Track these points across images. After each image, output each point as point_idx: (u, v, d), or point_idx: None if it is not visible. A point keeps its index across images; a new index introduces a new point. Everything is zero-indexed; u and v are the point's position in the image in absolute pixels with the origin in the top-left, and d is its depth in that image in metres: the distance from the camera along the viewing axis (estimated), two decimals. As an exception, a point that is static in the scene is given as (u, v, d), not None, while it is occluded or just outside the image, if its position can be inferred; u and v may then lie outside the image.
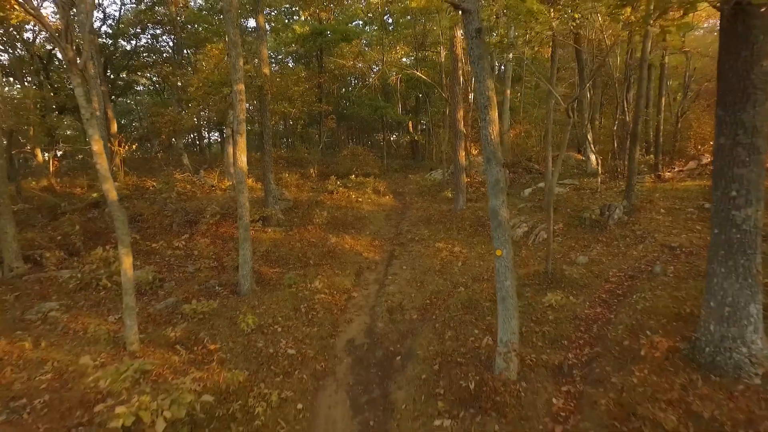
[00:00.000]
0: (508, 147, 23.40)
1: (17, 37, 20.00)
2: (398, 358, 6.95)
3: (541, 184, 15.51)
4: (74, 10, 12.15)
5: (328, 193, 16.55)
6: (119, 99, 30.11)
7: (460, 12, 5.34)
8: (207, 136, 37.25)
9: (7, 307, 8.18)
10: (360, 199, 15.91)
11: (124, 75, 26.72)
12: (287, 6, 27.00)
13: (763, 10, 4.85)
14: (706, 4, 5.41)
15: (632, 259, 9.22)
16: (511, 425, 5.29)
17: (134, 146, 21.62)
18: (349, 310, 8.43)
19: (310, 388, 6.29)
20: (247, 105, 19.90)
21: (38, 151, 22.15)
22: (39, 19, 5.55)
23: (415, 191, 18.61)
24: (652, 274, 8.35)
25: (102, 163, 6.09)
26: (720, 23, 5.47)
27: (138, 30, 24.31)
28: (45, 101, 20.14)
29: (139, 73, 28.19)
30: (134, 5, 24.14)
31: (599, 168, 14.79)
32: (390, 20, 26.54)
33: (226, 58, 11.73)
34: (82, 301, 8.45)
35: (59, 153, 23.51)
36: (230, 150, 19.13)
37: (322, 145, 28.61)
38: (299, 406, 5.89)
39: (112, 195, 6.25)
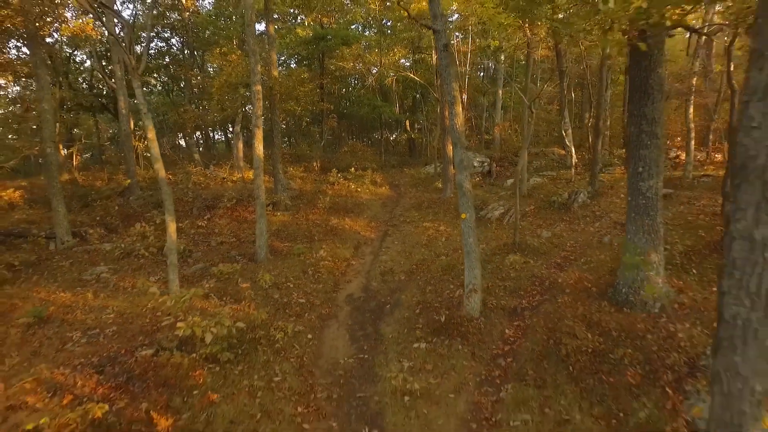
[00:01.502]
0: (498, 142, 25.12)
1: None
2: (388, 306, 8.63)
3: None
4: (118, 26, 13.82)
5: (330, 184, 18.22)
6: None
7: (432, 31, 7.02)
8: (212, 134, 38.98)
9: (65, 271, 9.87)
10: (359, 189, 17.58)
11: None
12: (291, 10, 28.67)
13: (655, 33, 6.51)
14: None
15: (588, 233, 10.90)
16: (472, 346, 6.96)
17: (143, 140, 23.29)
18: (349, 274, 10.12)
19: (318, 325, 7.98)
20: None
21: (60, 147, 23.87)
22: (116, 38, 7.21)
23: (409, 183, 20.27)
24: (601, 243, 10.03)
25: (154, 148, 7.77)
26: (629, 41, 7.14)
27: (152, 34, 26.01)
28: (65, 100, 21.83)
29: (152, 75, 29.93)
30: (147, 11, 25.83)
31: (572, 160, 16.43)
32: (389, 23, 28.18)
33: (243, 63, 13.39)
34: (126, 266, 10.14)
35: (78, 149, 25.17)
36: (240, 145, 20.86)
37: (324, 142, 30.28)
38: (309, 336, 7.57)
39: (162, 173, 7.92)
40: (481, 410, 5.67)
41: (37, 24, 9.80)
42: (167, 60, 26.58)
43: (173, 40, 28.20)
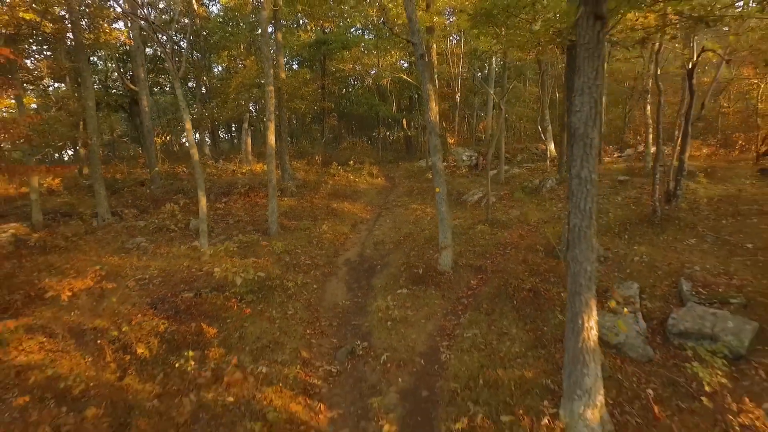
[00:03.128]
0: (487, 138, 26.97)
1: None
2: (378, 267, 10.53)
3: (505, 167, 19.06)
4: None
5: (331, 175, 20.12)
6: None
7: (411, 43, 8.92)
8: (218, 132, 40.91)
9: (109, 241, 11.78)
10: (357, 180, 19.48)
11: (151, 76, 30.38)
12: (295, 15, 30.57)
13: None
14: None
15: (551, 212, 12.80)
16: (442, 291, 8.86)
17: (168, 137, 25.26)
18: (347, 244, 12.03)
19: (321, 279, 9.89)
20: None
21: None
22: (164, 48, 9.10)
23: (403, 175, 22.13)
24: (558, 218, 11.93)
25: (190, 136, 9.68)
26: (567, 47, 9.03)
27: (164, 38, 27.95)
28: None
29: (162, 76, 31.84)
30: (157, 15, 27.75)
31: (548, 153, 18.32)
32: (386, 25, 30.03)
33: (255, 67, 15.32)
34: (160, 238, 12.05)
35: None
36: (248, 140, 22.78)
37: (325, 139, 32.17)
38: (314, 286, 9.49)
39: (196, 156, 9.84)
40: (444, 330, 7.57)
41: (86, 35, 11.70)
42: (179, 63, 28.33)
43: (183, 43, 30.14)
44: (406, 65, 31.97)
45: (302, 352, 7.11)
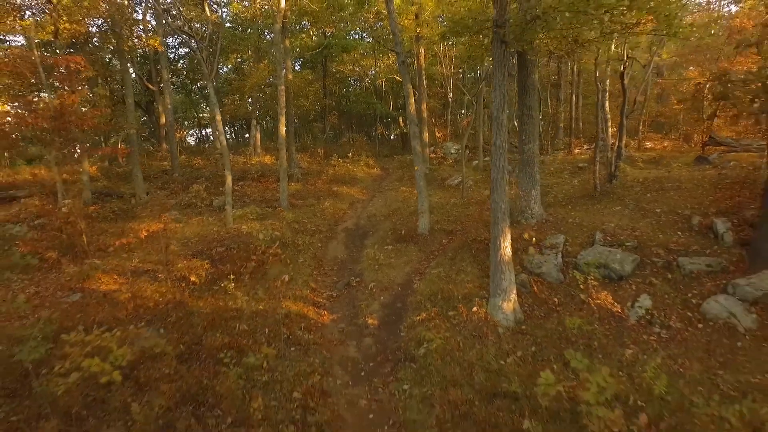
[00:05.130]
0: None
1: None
2: (370, 232, 12.95)
3: (485, 158, 21.50)
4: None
5: (331, 165, 22.53)
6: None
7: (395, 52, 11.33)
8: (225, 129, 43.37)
9: (148, 214, 14.20)
10: (355, 169, 21.91)
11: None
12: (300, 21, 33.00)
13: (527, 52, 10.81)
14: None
15: (515, 190, 15.19)
16: (419, 246, 11.27)
17: (185, 133, 27.69)
18: (345, 217, 14.47)
19: (324, 240, 12.32)
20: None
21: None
22: (200, 55, 11.51)
23: (397, 167, 24.54)
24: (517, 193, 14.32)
25: (219, 126, 12.08)
26: (518, 55, 11.43)
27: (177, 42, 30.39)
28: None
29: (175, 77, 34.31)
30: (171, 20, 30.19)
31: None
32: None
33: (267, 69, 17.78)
34: (190, 212, 14.49)
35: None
36: (257, 135, 25.22)
37: (326, 136, 34.62)
38: (319, 244, 11.92)
39: (224, 142, 12.24)
40: (418, 270, 10.00)
41: (129, 43, 14.13)
42: (191, 64, 30.78)
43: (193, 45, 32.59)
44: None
45: (310, 284, 9.56)
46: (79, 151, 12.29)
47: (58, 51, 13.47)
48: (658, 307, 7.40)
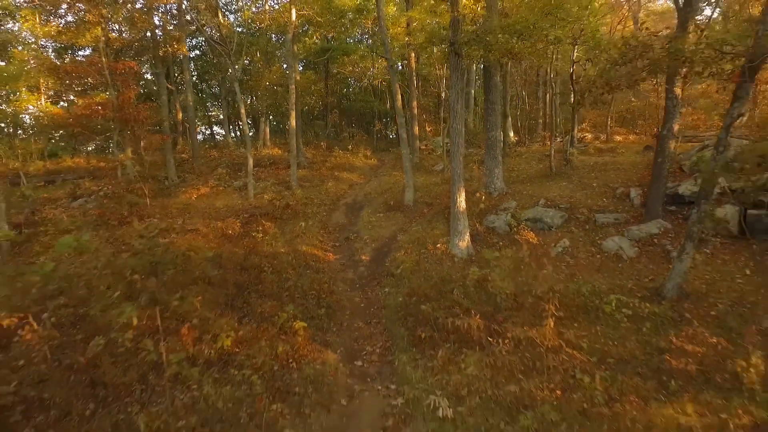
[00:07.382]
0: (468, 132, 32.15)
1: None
2: (366, 206, 15.78)
3: (471, 150, 24.32)
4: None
5: (333, 156, 25.38)
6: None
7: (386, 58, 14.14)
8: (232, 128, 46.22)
9: (182, 192, 17.02)
10: (354, 159, 24.73)
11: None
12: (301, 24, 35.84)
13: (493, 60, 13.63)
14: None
15: (490, 175, 18.00)
16: (405, 214, 14.09)
17: (196, 129, 30.49)
18: (345, 195, 17.31)
19: (328, 211, 15.16)
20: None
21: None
22: (230, 59, 14.29)
23: (393, 158, 27.36)
24: (492, 178, 17.13)
25: (243, 119, 14.87)
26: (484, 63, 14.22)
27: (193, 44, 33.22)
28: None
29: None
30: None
31: (505, 138, 23.52)
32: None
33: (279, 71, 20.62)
34: (216, 192, 17.32)
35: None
36: (266, 130, 28.05)
37: (328, 132, 37.47)
38: (324, 213, 14.77)
39: (246, 131, 15.04)
40: (402, 229, 12.82)
41: (165, 49, 16.95)
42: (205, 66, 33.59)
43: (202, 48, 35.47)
44: (401, 67, 37.34)
45: (318, 238, 12.38)
46: (134, 136, 15.09)
47: (104, 59, 16.31)
48: (573, 246, 10.22)
